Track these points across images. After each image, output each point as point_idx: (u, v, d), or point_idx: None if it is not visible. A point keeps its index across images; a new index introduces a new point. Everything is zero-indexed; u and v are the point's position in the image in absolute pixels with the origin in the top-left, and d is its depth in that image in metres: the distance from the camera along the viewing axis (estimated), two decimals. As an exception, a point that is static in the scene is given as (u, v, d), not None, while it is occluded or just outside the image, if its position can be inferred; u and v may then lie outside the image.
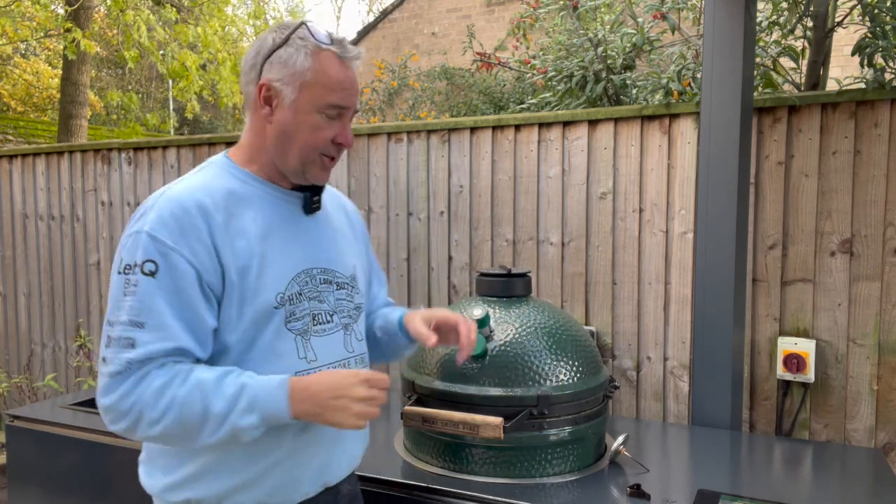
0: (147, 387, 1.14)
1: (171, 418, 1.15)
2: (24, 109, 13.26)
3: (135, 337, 1.15)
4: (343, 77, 1.28)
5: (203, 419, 1.15)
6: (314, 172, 1.31)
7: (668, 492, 1.67)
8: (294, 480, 1.31)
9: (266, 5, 13.32)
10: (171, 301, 1.17)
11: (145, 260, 1.16)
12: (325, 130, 1.28)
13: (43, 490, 2.19)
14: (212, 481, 1.26)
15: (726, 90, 2.18)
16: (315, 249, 1.35)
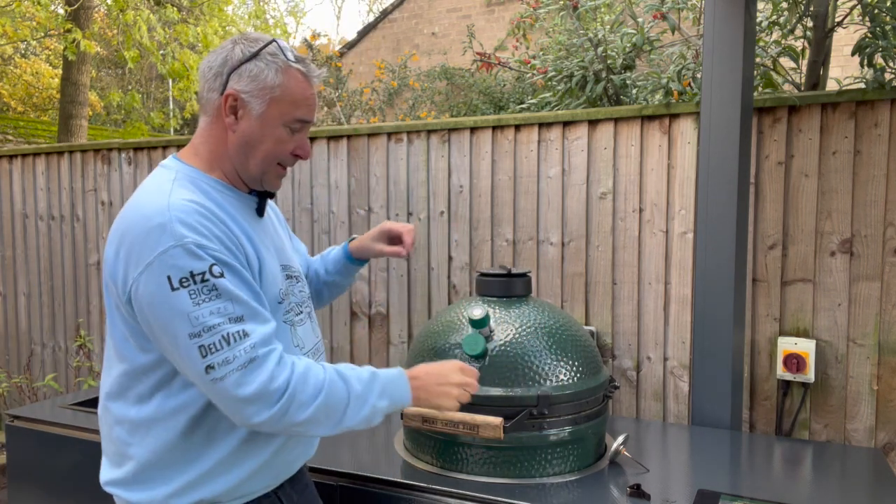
0: (292, 370, 1.20)
1: (322, 400, 1.21)
2: (24, 109, 13.26)
3: (243, 328, 1.18)
4: (308, 94, 1.36)
5: (347, 401, 1.24)
6: (271, 180, 1.39)
7: (668, 492, 1.67)
8: (292, 459, 1.42)
9: (266, 5, 13.32)
10: (249, 292, 1.23)
11: (211, 265, 1.18)
12: (287, 143, 1.35)
13: (43, 490, 2.19)
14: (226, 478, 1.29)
15: (726, 90, 2.18)
16: (277, 248, 1.44)
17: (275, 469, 1.38)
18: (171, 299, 1.16)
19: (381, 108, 7.87)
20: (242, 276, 1.23)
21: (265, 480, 1.37)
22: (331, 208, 3.13)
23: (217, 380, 1.15)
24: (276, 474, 1.39)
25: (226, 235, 1.24)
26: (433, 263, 2.93)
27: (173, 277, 1.16)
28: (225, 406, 1.19)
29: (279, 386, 1.18)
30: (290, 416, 1.19)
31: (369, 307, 3.08)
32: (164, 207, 1.20)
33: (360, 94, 7.73)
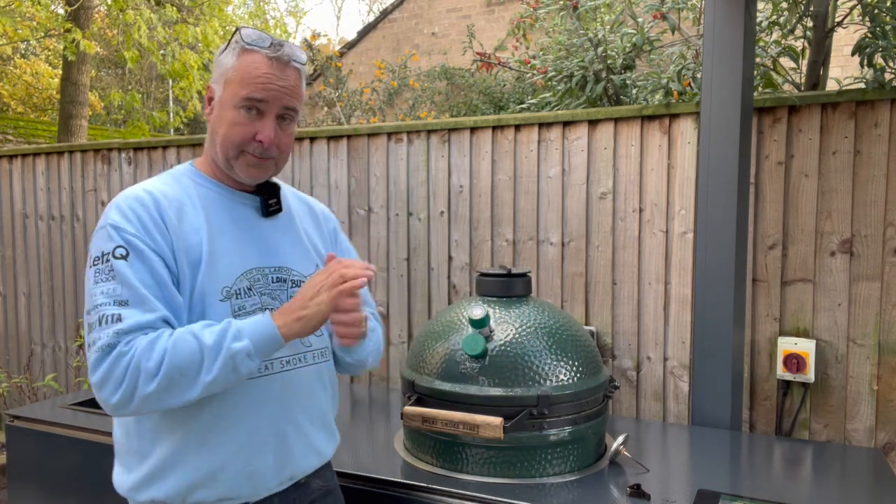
0: (138, 346, 1.17)
1: (168, 363, 1.17)
2: (24, 110, 13.26)
3: (120, 312, 1.19)
4: (261, 73, 1.29)
5: (199, 355, 1.18)
6: (241, 169, 1.34)
7: (668, 492, 1.67)
8: (254, 473, 1.32)
9: (266, 5, 13.33)
10: (146, 280, 1.22)
11: (115, 247, 1.22)
12: (242, 126, 1.30)
13: (43, 490, 2.19)
14: (171, 478, 1.28)
15: (726, 90, 2.18)
16: (269, 249, 1.40)
17: (230, 481, 1.30)
18: (86, 275, 1.25)
19: (381, 108, 7.87)
20: (148, 263, 1.23)
21: (220, 491, 1.29)
22: (331, 208, 3.13)
23: (88, 360, 1.20)
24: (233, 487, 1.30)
25: (154, 222, 1.25)
26: (433, 263, 2.93)
27: (91, 256, 1.25)
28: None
29: (123, 367, 1.16)
30: (140, 391, 1.16)
31: (369, 307, 3.07)
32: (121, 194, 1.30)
33: (360, 94, 7.73)
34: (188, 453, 1.28)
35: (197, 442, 1.28)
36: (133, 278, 1.21)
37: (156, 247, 1.25)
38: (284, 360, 1.37)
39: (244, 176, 1.35)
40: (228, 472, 1.30)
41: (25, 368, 3.94)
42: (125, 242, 1.22)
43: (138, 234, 1.23)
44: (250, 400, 1.31)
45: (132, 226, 1.24)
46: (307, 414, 1.41)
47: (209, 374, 1.19)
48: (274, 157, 1.36)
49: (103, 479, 2.08)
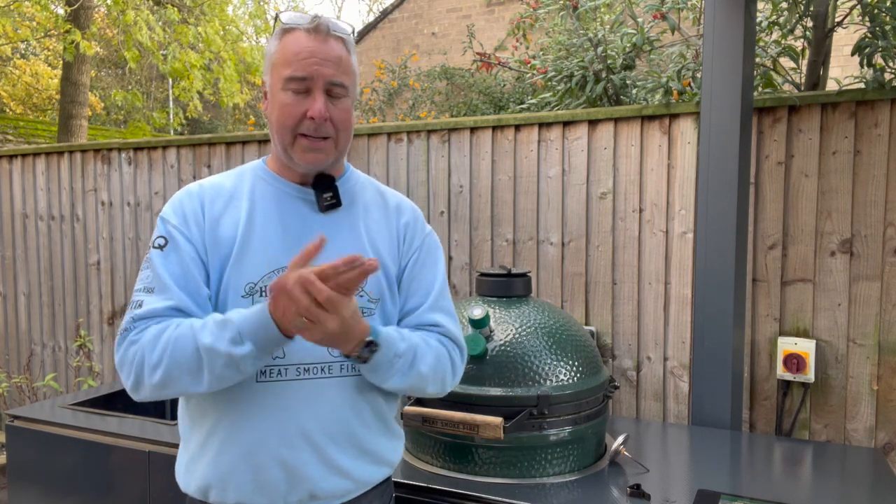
0: (146, 336, 1.20)
1: (169, 358, 1.17)
2: (24, 110, 13.25)
3: (143, 299, 1.25)
4: (301, 48, 1.24)
5: (196, 355, 1.15)
6: (299, 155, 1.28)
7: (668, 492, 1.67)
8: (265, 484, 1.25)
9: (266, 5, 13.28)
10: (174, 270, 1.26)
11: (157, 237, 1.29)
12: (292, 106, 1.25)
13: (43, 490, 2.19)
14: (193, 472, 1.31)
15: (726, 90, 2.18)
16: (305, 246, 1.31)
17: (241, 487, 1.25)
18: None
19: (381, 108, 7.87)
20: (180, 254, 1.27)
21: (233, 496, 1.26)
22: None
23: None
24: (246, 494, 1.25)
25: (193, 214, 1.30)
26: (433, 263, 2.92)
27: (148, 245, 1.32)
28: None
29: (132, 356, 1.20)
30: (146, 381, 1.19)
31: (369, 307, 3.07)
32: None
33: (360, 94, 7.73)
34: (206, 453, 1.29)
35: (211, 444, 1.28)
36: (161, 267, 1.25)
37: (191, 238, 1.28)
38: (302, 368, 1.26)
39: (303, 162, 1.28)
40: (237, 479, 1.25)
41: (25, 368, 3.94)
42: (166, 233, 1.29)
43: (178, 225, 1.29)
44: (261, 405, 1.24)
45: (176, 218, 1.30)
46: (326, 430, 1.27)
47: (211, 373, 1.16)
48: (331, 136, 1.27)
49: (103, 479, 2.08)
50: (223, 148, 3.38)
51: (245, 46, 8.49)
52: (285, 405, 1.25)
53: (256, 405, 1.25)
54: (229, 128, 16.80)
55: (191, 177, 3.46)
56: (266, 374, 1.25)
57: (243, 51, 8.23)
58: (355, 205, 1.37)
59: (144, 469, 2.01)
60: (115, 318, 3.71)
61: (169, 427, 2.12)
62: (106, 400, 2.47)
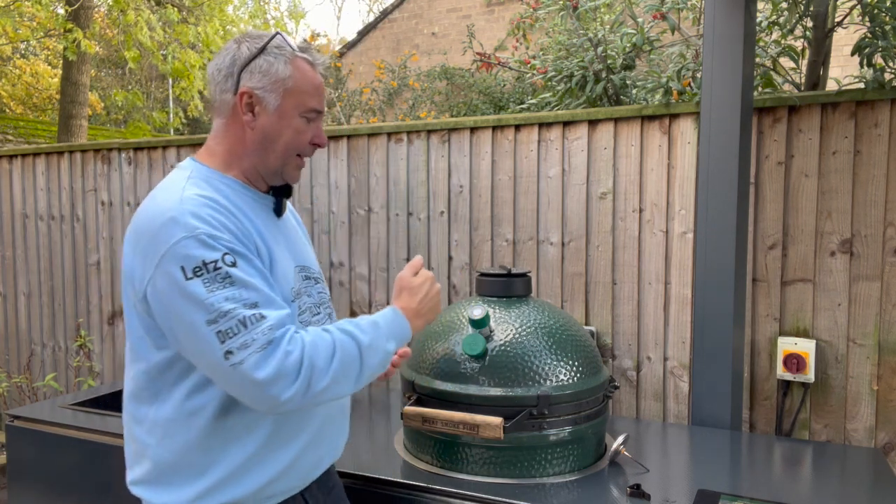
0: (303, 343, 1.20)
1: (337, 362, 1.22)
2: (24, 110, 13.26)
3: (259, 312, 1.18)
4: (318, 83, 1.38)
5: (359, 355, 1.26)
6: (290, 172, 1.40)
7: (668, 492, 1.67)
8: (318, 460, 1.42)
9: (266, 5, 13.32)
10: (262, 280, 1.23)
11: (223, 255, 1.18)
12: (305, 133, 1.37)
13: (43, 490, 2.19)
14: (248, 480, 1.29)
15: (726, 90, 2.18)
16: (294, 248, 1.44)
17: (301, 471, 1.37)
18: (186, 289, 1.16)
19: (381, 108, 7.87)
20: (255, 265, 1.23)
21: (291, 482, 1.35)
22: (331, 208, 3.13)
23: (237, 364, 1.14)
24: (302, 476, 1.38)
25: (237, 228, 1.25)
26: (433, 263, 2.93)
27: (186, 268, 1.16)
28: (247, 391, 1.16)
29: (295, 360, 1.17)
30: (313, 387, 1.19)
31: (369, 307, 3.08)
32: (177, 202, 1.21)
33: (360, 94, 7.73)
34: (268, 452, 1.31)
35: (280, 439, 1.32)
36: (251, 280, 1.20)
37: (249, 251, 1.25)
38: None
39: (290, 178, 1.41)
40: (302, 462, 1.37)
41: (25, 368, 3.94)
42: (229, 250, 1.20)
43: (231, 240, 1.22)
44: None
45: (223, 233, 1.21)
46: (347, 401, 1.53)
47: (368, 371, 1.28)
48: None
49: (103, 479, 2.08)
50: (223, 148, 3.37)
51: (245, 46, 8.47)
52: None
53: None
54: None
55: (191, 177, 3.46)
56: None
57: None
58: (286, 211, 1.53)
59: (144, 469, 2.01)
60: (115, 318, 3.71)
61: (169, 427, 2.11)
62: (106, 400, 2.47)
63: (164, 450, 1.28)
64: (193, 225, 1.18)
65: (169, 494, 1.29)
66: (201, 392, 1.26)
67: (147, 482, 1.31)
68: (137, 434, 1.32)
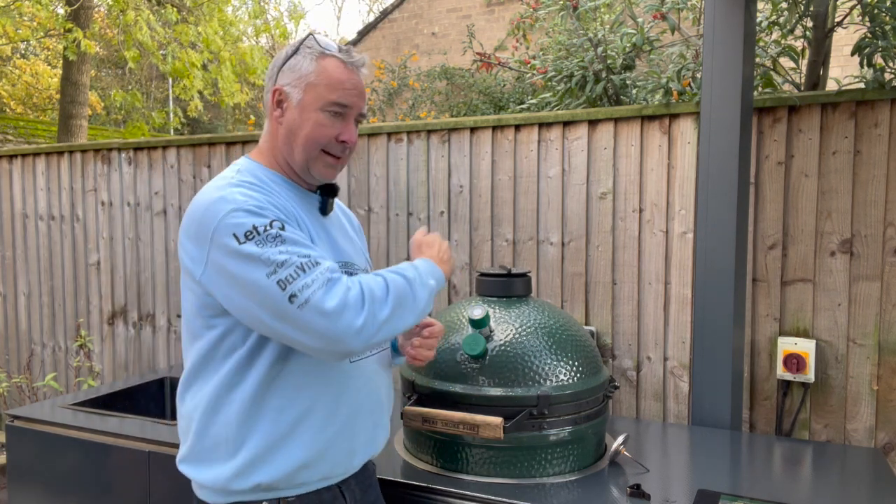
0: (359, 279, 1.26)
1: (393, 293, 1.28)
2: (24, 110, 13.25)
3: (314, 258, 1.24)
4: (345, 78, 1.39)
5: (409, 287, 1.31)
6: (318, 169, 1.41)
7: (668, 492, 1.67)
8: (352, 451, 1.42)
9: (266, 5, 13.32)
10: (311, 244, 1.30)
11: (270, 220, 1.25)
12: (327, 128, 1.38)
13: (43, 490, 2.19)
14: (279, 459, 1.32)
15: (726, 90, 2.18)
16: (337, 244, 1.47)
17: (333, 459, 1.38)
18: (241, 251, 1.21)
19: (381, 108, 7.86)
20: (299, 231, 1.30)
21: (324, 470, 1.37)
22: (331, 208, 3.13)
23: (303, 304, 1.19)
24: (335, 465, 1.39)
25: (281, 207, 1.32)
26: (433, 263, 2.92)
27: (238, 234, 1.23)
28: (319, 329, 1.19)
29: (357, 293, 1.23)
30: (378, 315, 1.24)
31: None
32: (225, 186, 1.31)
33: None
34: (299, 434, 1.33)
35: (311, 424, 1.34)
36: (303, 240, 1.27)
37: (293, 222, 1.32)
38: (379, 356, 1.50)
39: (320, 175, 1.42)
40: (334, 451, 1.37)
41: (25, 368, 3.94)
42: (276, 217, 1.26)
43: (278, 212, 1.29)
44: (355, 382, 1.40)
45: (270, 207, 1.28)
46: (388, 394, 1.53)
47: (421, 301, 1.33)
48: (345, 157, 1.44)
49: (103, 479, 2.08)
50: (223, 148, 3.38)
51: (245, 46, 8.49)
52: (370, 379, 1.45)
53: (352, 382, 1.40)
54: (229, 128, 16.80)
55: (191, 177, 3.46)
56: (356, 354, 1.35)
57: (243, 51, 8.23)
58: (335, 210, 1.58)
59: (144, 469, 2.01)
60: (115, 318, 3.71)
61: (169, 427, 2.12)
62: (106, 400, 2.47)
63: (204, 425, 1.35)
64: (241, 199, 1.26)
65: (209, 471, 1.34)
66: (243, 371, 1.32)
67: (190, 460, 1.38)
68: (185, 410, 1.39)
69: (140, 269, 3.62)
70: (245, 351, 1.32)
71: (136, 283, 3.63)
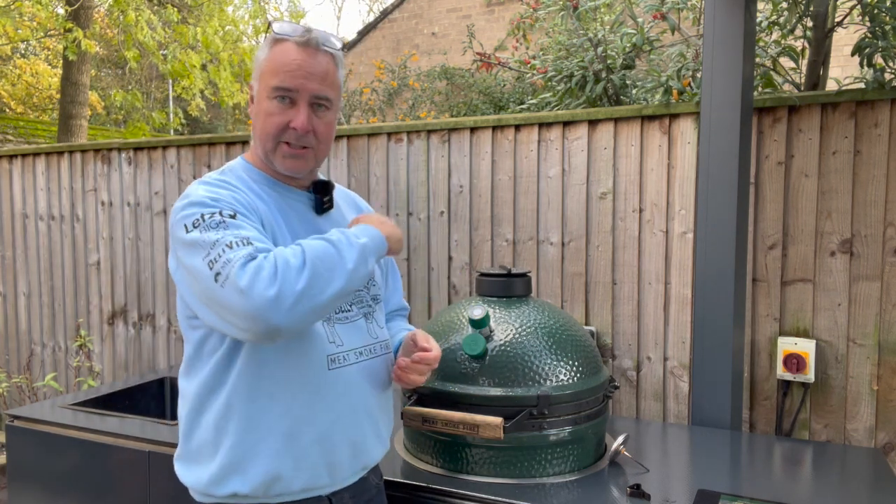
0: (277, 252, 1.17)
1: (310, 257, 1.16)
2: (24, 110, 13.25)
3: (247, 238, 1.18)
4: (289, 59, 1.30)
5: (333, 248, 1.20)
6: (279, 161, 1.35)
7: (668, 492, 1.67)
8: (333, 464, 1.35)
9: (266, 5, 13.32)
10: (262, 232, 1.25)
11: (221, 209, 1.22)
12: (275, 116, 1.31)
13: (43, 490, 2.19)
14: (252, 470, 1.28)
15: (726, 90, 2.18)
16: None
17: (313, 470, 1.32)
18: (186, 240, 1.20)
19: (381, 108, 7.86)
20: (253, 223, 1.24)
21: (302, 481, 1.31)
22: (331, 208, 3.13)
23: (224, 281, 1.13)
24: (315, 477, 1.32)
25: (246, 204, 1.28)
26: (433, 263, 2.93)
27: (188, 224, 1.21)
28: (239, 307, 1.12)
29: (270, 263, 1.14)
30: (294, 285, 1.13)
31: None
32: (198, 182, 1.30)
33: (360, 94, 7.73)
34: (272, 443, 1.29)
35: (280, 433, 1.29)
36: (249, 226, 1.22)
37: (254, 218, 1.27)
38: (358, 352, 1.41)
39: (282, 168, 1.36)
40: (310, 463, 1.31)
41: (25, 368, 3.94)
42: (231, 209, 1.23)
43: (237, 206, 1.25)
44: (333, 390, 1.34)
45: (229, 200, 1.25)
46: (378, 404, 1.45)
47: (350, 262, 1.20)
48: (311, 146, 1.35)
49: (103, 479, 2.08)
50: (223, 148, 3.38)
51: (245, 47, 8.50)
52: (351, 388, 1.37)
53: (329, 390, 1.33)
54: (229, 128, 16.80)
55: (191, 177, 3.46)
56: (335, 361, 1.35)
57: (243, 51, 8.24)
58: (339, 207, 1.51)
59: (144, 469, 2.01)
60: (115, 318, 3.71)
61: (169, 427, 2.12)
62: (106, 400, 2.47)
63: (189, 427, 1.35)
64: (199, 192, 1.25)
65: (193, 473, 1.34)
66: (222, 374, 1.31)
67: (180, 459, 1.38)
68: (179, 410, 1.40)
69: (140, 269, 3.62)
70: (222, 354, 1.30)
71: (136, 283, 3.63)
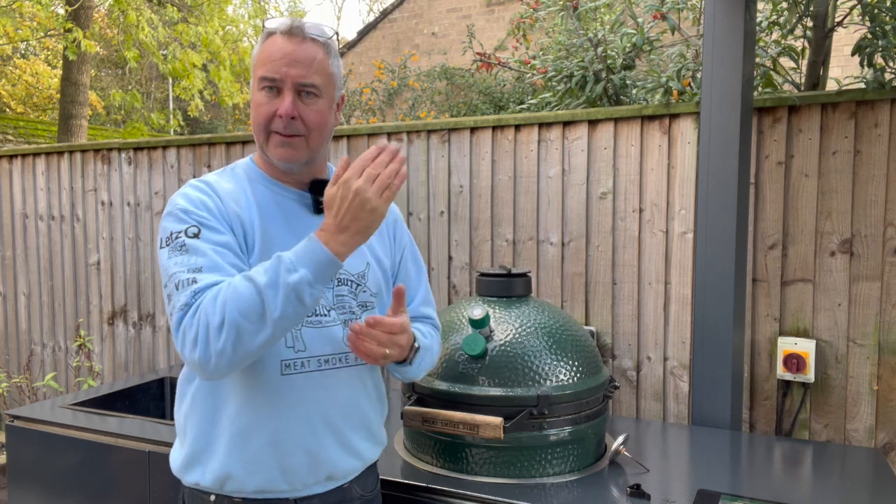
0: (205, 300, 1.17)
1: (229, 313, 1.13)
2: (24, 110, 13.25)
3: (196, 276, 1.20)
4: (274, 49, 1.31)
5: (258, 297, 1.14)
6: (272, 151, 1.35)
7: (668, 492, 1.67)
8: (288, 470, 1.33)
9: (266, 5, 13.33)
10: (218, 251, 1.25)
11: (187, 227, 1.26)
12: (264, 106, 1.33)
13: (43, 490, 2.19)
14: (210, 464, 1.33)
15: (726, 90, 2.18)
16: None
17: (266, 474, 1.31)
18: (159, 255, 1.28)
19: (381, 108, 7.86)
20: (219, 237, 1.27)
21: (255, 483, 1.31)
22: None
23: (172, 324, 1.22)
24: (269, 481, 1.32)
25: (217, 207, 1.30)
26: (433, 263, 2.93)
27: (162, 238, 1.28)
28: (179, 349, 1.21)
29: (195, 323, 1.16)
30: (212, 347, 1.14)
31: (369, 307, 3.08)
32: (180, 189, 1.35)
33: (360, 95, 7.73)
34: (224, 443, 1.32)
35: (232, 433, 1.32)
36: (206, 248, 1.24)
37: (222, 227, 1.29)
38: (322, 360, 1.36)
39: (275, 158, 1.34)
40: (262, 466, 1.32)
41: (25, 368, 3.94)
42: (196, 223, 1.26)
43: (206, 216, 1.27)
44: (286, 396, 1.32)
45: (198, 209, 1.28)
46: (345, 416, 1.39)
47: (275, 311, 1.14)
48: (302, 134, 1.33)
49: (103, 479, 2.08)
50: (223, 148, 3.38)
51: (245, 47, 8.50)
52: (309, 395, 1.34)
53: (281, 396, 1.32)
54: (229, 128, 16.79)
55: (191, 177, 3.46)
56: (290, 366, 1.32)
57: (243, 51, 8.24)
58: None
59: (144, 469, 2.01)
60: (115, 318, 3.71)
61: (169, 427, 2.12)
62: (106, 400, 2.47)
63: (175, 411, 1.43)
64: (176, 203, 1.30)
65: (174, 453, 1.42)
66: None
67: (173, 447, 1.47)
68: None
69: (140, 269, 3.62)
70: None
71: (136, 283, 3.63)
